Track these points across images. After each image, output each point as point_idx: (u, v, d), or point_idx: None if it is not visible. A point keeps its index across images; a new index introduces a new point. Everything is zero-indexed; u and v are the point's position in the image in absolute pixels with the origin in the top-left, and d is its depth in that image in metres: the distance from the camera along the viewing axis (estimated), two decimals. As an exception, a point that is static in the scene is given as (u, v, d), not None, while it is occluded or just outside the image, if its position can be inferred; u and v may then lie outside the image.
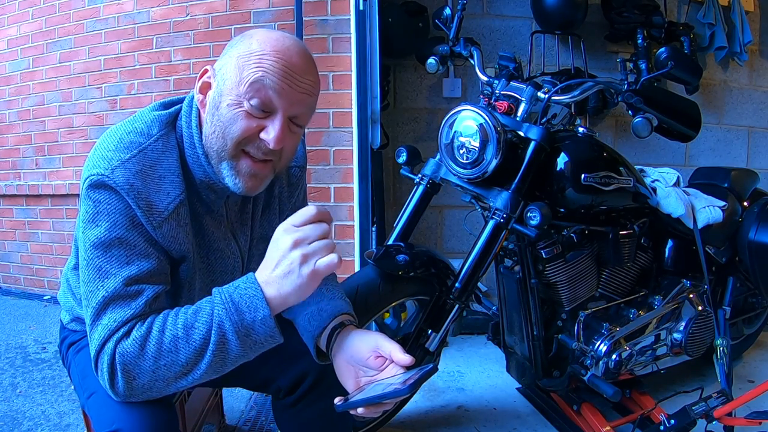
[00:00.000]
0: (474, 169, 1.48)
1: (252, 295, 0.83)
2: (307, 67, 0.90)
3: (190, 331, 0.83)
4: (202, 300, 0.86)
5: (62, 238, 3.16)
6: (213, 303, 0.84)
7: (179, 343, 0.82)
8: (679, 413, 1.53)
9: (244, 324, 0.83)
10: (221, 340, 0.82)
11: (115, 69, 2.86)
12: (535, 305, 1.64)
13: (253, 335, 0.83)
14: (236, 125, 0.88)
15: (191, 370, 0.84)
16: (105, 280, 0.85)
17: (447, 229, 2.92)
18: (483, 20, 2.82)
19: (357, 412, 0.86)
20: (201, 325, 0.83)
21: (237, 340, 0.83)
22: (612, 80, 1.60)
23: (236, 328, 0.82)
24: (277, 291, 0.83)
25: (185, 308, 0.86)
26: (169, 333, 0.83)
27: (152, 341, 0.82)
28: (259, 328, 0.83)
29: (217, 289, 0.86)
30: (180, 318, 0.84)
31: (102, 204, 0.86)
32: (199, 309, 0.84)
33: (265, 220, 1.12)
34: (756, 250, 1.89)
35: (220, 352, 0.83)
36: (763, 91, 3.12)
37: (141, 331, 0.83)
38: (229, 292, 0.84)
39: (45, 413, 1.89)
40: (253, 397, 1.98)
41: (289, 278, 0.82)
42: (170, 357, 0.82)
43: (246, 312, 0.82)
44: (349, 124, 2.41)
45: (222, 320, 0.82)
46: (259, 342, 0.85)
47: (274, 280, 0.83)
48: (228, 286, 0.85)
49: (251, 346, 0.85)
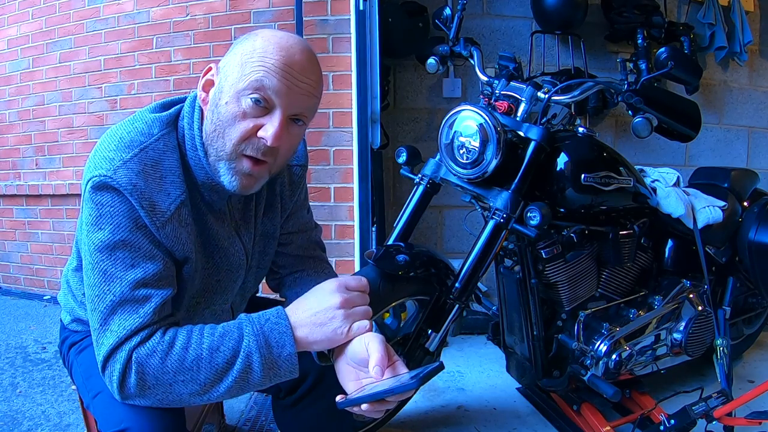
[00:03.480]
0: (474, 169, 1.48)
1: (282, 331, 0.88)
2: (309, 67, 0.90)
3: (214, 354, 0.85)
4: (229, 324, 0.89)
5: (62, 238, 3.16)
6: (242, 330, 0.87)
7: (202, 363, 0.84)
8: (679, 413, 1.53)
9: (271, 357, 0.87)
10: (246, 368, 0.86)
11: (115, 69, 2.86)
12: (535, 305, 1.64)
13: (275, 369, 0.88)
14: (235, 125, 0.88)
15: (208, 391, 0.86)
16: (111, 284, 0.85)
17: (447, 229, 2.92)
18: (483, 20, 2.82)
19: (360, 410, 0.86)
20: (227, 350, 0.85)
21: (261, 371, 0.86)
22: (612, 80, 1.60)
23: (263, 360, 0.86)
24: (306, 336, 0.89)
25: (210, 328, 0.88)
26: (192, 351, 0.84)
27: (174, 356, 0.84)
28: (283, 363, 0.88)
29: (246, 316, 0.90)
30: (206, 338, 0.86)
31: (105, 206, 0.86)
32: (226, 333, 0.87)
33: (267, 218, 1.12)
34: (756, 250, 1.89)
35: (242, 380, 0.86)
36: (763, 91, 3.12)
37: (163, 345, 0.84)
38: (260, 324, 0.88)
39: (45, 413, 1.89)
40: (253, 397, 1.98)
41: (323, 329, 0.89)
42: (190, 375, 0.84)
43: (275, 346, 0.87)
44: (349, 124, 2.41)
45: (251, 351, 0.86)
46: (278, 375, 0.89)
47: (308, 325, 0.89)
48: (257, 316, 0.89)
49: (271, 378, 0.88)
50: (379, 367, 0.87)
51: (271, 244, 1.15)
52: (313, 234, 1.24)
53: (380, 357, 0.88)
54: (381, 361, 0.88)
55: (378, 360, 0.88)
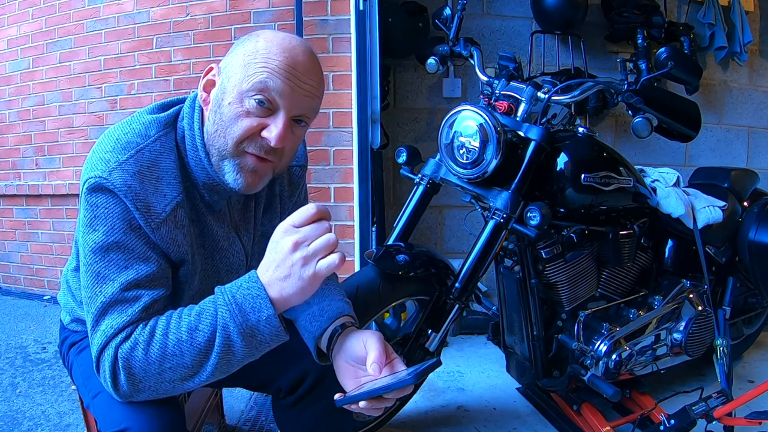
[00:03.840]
0: (474, 169, 1.48)
1: (255, 295, 0.82)
2: (311, 68, 0.90)
3: (194, 334, 0.82)
4: (205, 300, 0.86)
5: (62, 238, 3.16)
6: (216, 304, 0.84)
7: (183, 347, 0.82)
8: (679, 413, 1.53)
9: (248, 325, 0.82)
10: (226, 342, 0.82)
11: (115, 69, 2.86)
12: (535, 305, 1.64)
13: (258, 335, 0.83)
14: (238, 124, 0.88)
15: (197, 372, 0.84)
16: (103, 285, 0.85)
17: (447, 229, 2.92)
18: (483, 20, 2.82)
19: (359, 407, 0.85)
20: (205, 327, 0.83)
21: (242, 341, 0.83)
22: (612, 80, 1.60)
23: (241, 330, 0.82)
24: (279, 293, 0.82)
25: (188, 309, 0.85)
26: (173, 336, 0.83)
27: (156, 345, 0.82)
28: (264, 328, 0.83)
29: (219, 288, 0.86)
30: (183, 320, 0.84)
31: (99, 208, 0.85)
32: (202, 311, 0.84)
33: (266, 218, 1.12)
34: (756, 250, 1.89)
35: (226, 354, 0.83)
36: (763, 91, 3.12)
37: (144, 335, 0.83)
38: (232, 293, 0.83)
39: (45, 413, 1.89)
40: (253, 397, 1.98)
41: (290, 281, 0.81)
42: (175, 360, 0.82)
43: (250, 313, 0.82)
44: (349, 124, 2.41)
45: (226, 322, 0.82)
46: (264, 342, 0.85)
47: (275, 282, 0.82)
48: (230, 286, 0.85)
49: (257, 347, 0.85)
50: (376, 364, 0.87)
51: None
52: (313, 234, 1.24)
53: (378, 354, 0.88)
54: (379, 358, 0.87)
55: (376, 357, 0.87)
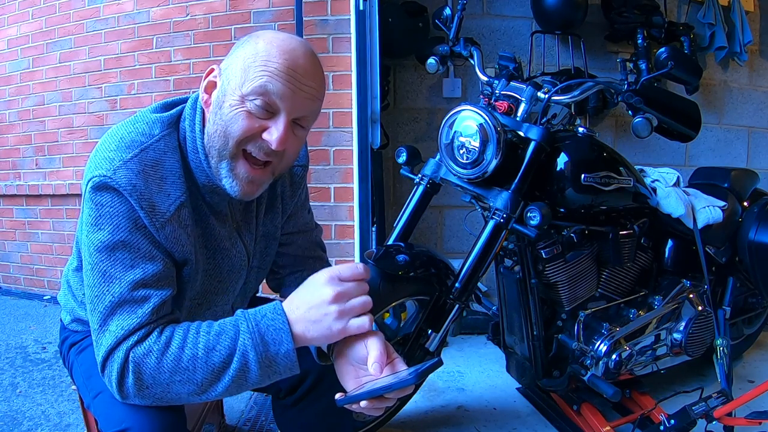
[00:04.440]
0: (474, 169, 1.48)
1: (279, 328, 0.85)
2: (312, 70, 0.90)
3: (210, 353, 0.83)
4: (225, 321, 0.87)
5: (62, 238, 3.16)
6: (238, 328, 0.85)
7: (198, 363, 0.83)
8: (679, 413, 1.53)
9: (268, 355, 0.84)
10: (243, 367, 0.84)
11: (115, 69, 2.86)
12: (535, 305, 1.64)
13: (274, 366, 0.85)
14: (238, 124, 0.88)
15: (206, 390, 0.85)
16: (110, 284, 0.85)
17: (447, 229, 2.92)
18: (483, 20, 2.82)
19: (359, 407, 0.85)
20: (222, 348, 0.84)
21: (258, 369, 0.85)
22: (612, 80, 1.60)
23: (260, 358, 0.84)
24: (303, 332, 0.85)
25: (206, 326, 0.86)
26: (188, 351, 0.83)
27: (170, 357, 0.83)
28: (281, 360, 0.85)
29: (242, 312, 0.87)
30: (201, 337, 0.84)
31: (105, 207, 0.85)
32: (222, 331, 0.85)
33: (268, 219, 1.12)
34: (756, 250, 1.90)
35: (239, 378, 0.85)
36: (763, 91, 3.12)
37: (159, 344, 0.83)
38: (256, 320, 0.85)
39: (45, 413, 1.89)
40: (253, 397, 1.98)
41: (319, 326, 0.85)
42: (186, 375, 0.83)
43: (271, 344, 0.84)
44: (349, 124, 2.41)
45: (247, 349, 0.84)
46: (278, 372, 0.87)
47: (304, 322, 0.85)
48: (253, 313, 0.86)
49: (270, 375, 0.86)
50: (377, 363, 0.87)
51: (272, 245, 1.15)
52: (314, 234, 1.24)
53: (379, 354, 0.88)
54: (380, 358, 0.87)
55: (377, 357, 0.88)
